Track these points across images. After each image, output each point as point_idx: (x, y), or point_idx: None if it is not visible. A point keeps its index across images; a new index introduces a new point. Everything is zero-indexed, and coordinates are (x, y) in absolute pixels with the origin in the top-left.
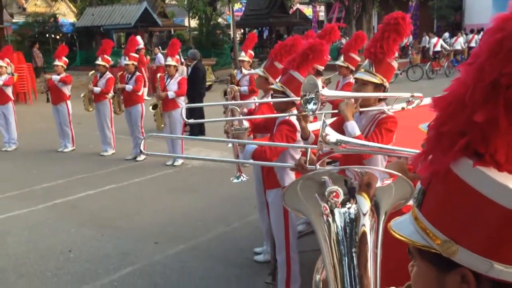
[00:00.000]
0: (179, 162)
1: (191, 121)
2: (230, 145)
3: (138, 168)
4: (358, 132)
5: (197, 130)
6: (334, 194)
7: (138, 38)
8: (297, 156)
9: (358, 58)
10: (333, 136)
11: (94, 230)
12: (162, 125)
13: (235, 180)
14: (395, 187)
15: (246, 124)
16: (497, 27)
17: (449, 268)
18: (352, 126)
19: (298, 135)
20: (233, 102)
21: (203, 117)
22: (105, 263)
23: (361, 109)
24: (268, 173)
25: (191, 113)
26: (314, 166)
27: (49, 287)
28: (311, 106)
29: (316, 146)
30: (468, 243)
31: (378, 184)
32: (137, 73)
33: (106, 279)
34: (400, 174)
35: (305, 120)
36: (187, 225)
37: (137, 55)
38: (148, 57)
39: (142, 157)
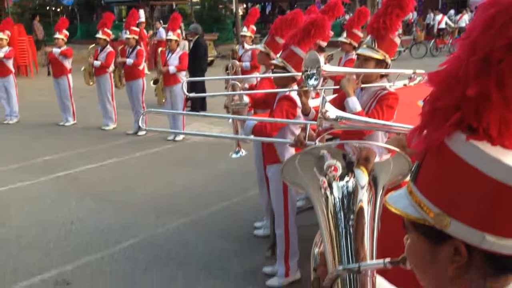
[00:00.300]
0: (180, 137)
1: (192, 94)
2: (230, 120)
3: (139, 142)
4: (359, 108)
5: (198, 105)
6: (333, 168)
7: (140, 12)
8: (297, 131)
9: (361, 34)
10: (332, 112)
11: (95, 203)
12: (163, 100)
13: (234, 155)
14: (393, 163)
15: (246, 99)
16: (490, 2)
17: (442, 240)
18: (353, 102)
19: (299, 110)
20: (234, 76)
21: (204, 92)
22: (106, 236)
23: (362, 85)
24: (268, 149)
25: (192, 88)
26: (313, 142)
27: (52, 259)
28: (312, 81)
29: (316, 122)
30: (461, 216)
31: (377, 159)
32: (138, 47)
33: (107, 251)
34: (398, 150)
35: (306, 95)
36: (188, 200)
37: (138, 29)
38: (151, 31)
39: (143, 131)
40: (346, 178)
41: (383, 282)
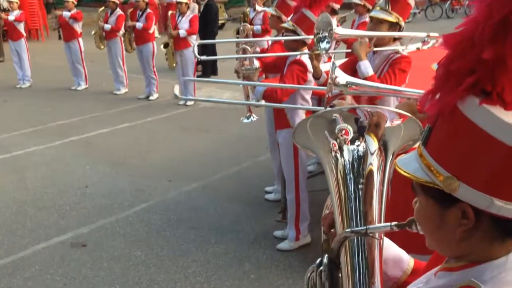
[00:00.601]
0: (191, 101)
1: (203, 57)
2: (241, 85)
3: (150, 107)
4: (371, 72)
5: (209, 69)
6: (344, 131)
7: None
8: (308, 96)
9: None
10: (342, 78)
11: (108, 167)
12: (174, 64)
13: (245, 120)
14: (404, 128)
15: (256, 64)
16: None
17: (450, 203)
18: (365, 65)
19: (309, 75)
20: (245, 40)
21: (215, 55)
22: (120, 199)
23: (375, 49)
24: (278, 113)
25: (203, 52)
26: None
27: (68, 221)
28: (324, 44)
29: (326, 88)
30: (470, 180)
31: (387, 124)
32: (148, 10)
33: (121, 214)
34: (410, 115)
35: (318, 59)
36: (200, 164)
37: None
38: None
39: (154, 96)
40: (357, 142)
41: (391, 244)
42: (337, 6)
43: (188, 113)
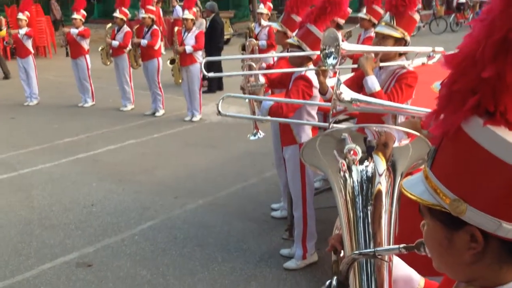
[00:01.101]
0: (197, 117)
1: (211, 74)
2: (247, 100)
3: (157, 123)
4: (378, 87)
5: (215, 85)
6: (352, 152)
7: None
8: (313, 111)
9: (381, 11)
10: (347, 94)
11: (115, 184)
12: (180, 80)
13: (252, 137)
14: (413, 148)
15: (262, 80)
16: None
17: (458, 226)
18: (372, 81)
19: (315, 90)
20: (251, 56)
21: (221, 71)
22: (126, 217)
23: (381, 64)
24: (284, 130)
25: (209, 68)
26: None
27: (74, 240)
28: (331, 60)
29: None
30: (477, 202)
31: (396, 144)
32: (154, 27)
33: (127, 232)
34: (418, 134)
35: (324, 74)
36: (206, 181)
37: (154, 8)
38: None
39: (161, 112)
40: (366, 163)
41: (401, 263)
42: (342, 21)
43: (194, 129)
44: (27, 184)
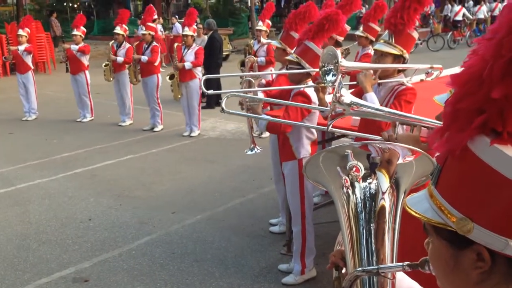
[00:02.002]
0: (195, 133)
1: (210, 92)
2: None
3: (155, 138)
4: (377, 104)
5: (214, 101)
6: (355, 168)
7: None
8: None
9: (378, 28)
10: (347, 97)
11: (112, 199)
12: (179, 96)
13: (249, 152)
14: (416, 165)
15: (260, 95)
16: None
17: (464, 245)
18: (372, 97)
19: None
20: (249, 73)
21: (220, 88)
22: (124, 232)
23: (379, 81)
24: (283, 145)
25: (208, 84)
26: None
27: (70, 255)
28: (330, 77)
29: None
30: (484, 221)
31: (400, 161)
32: (154, 43)
33: (124, 247)
34: (422, 151)
35: (323, 91)
36: (204, 196)
37: (154, 25)
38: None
39: (159, 127)
40: (369, 180)
41: (404, 277)
42: (340, 38)
43: (192, 144)
44: (24, 199)
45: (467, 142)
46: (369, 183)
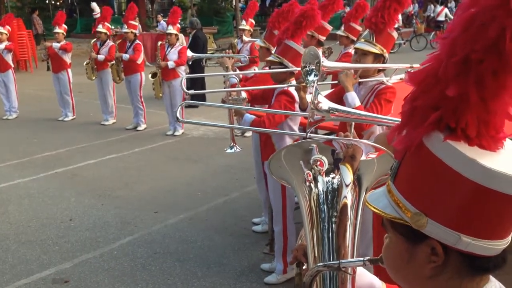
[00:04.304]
0: (179, 132)
1: (191, 92)
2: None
3: (138, 137)
4: (358, 103)
5: (198, 100)
6: (319, 162)
7: (94, 5)
8: (295, 126)
9: (359, 28)
10: (325, 103)
11: (94, 199)
12: (160, 94)
13: (229, 151)
14: (378, 162)
15: (244, 94)
16: (470, 2)
17: (419, 240)
18: (352, 97)
19: (297, 106)
20: (232, 73)
21: (204, 87)
22: (105, 232)
23: (360, 80)
24: (265, 144)
25: (192, 83)
26: (305, 134)
27: (50, 256)
28: (312, 77)
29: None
30: (437, 216)
31: (363, 157)
32: (136, 41)
33: (106, 248)
34: (385, 149)
35: (304, 90)
36: (187, 195)
37: (136, 23)
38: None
39: (142, 126)
40: (332, 174)
41: (364, 272)
42: (322, 38)
43: (176, 143)
44: (3, 199)
45: (423, 138)
46: (332, 178)
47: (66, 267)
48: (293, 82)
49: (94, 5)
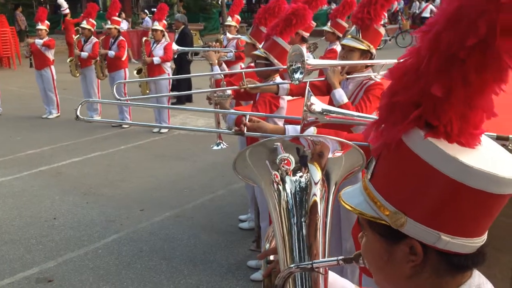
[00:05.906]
0: (165, 129)
1: (175, 93)
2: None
3: (124, 135)
4: (346, 100)
5: (183, 96)
6: (286, 161)
7: (61, 0)
8: (280, 123)
9: (346, 25)
10: (318, 105)
11: (78, 197)
12: (147, 91)
13: (215, 147)
14: (346, 157)
15: (228, 91)
16: None
17: (398, 239)
18: (340, 94)
19: (281, 101)
20: (218, 72)
21: (190, 85)
22: (90, 231)
23: (348, 76)
24: (252, 142)
25: (178, 80)
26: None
27: (34, 255)
28: (298, 75)
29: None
30: (417, 215)
31: (330, 155)
32: (120, 38)
33: (90, 246)
34: (352, 144)
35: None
36: (173, 193)
37: (120, 19)
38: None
39: (126, 125)
40: (300, 173)
41: (337, 278)
42: (306, 34)
43: (162, 141)
44: None
45: (402, 135)
46: (300, 177)
47: (50, 266)
48: (278, 78)
49: (61, 0)
